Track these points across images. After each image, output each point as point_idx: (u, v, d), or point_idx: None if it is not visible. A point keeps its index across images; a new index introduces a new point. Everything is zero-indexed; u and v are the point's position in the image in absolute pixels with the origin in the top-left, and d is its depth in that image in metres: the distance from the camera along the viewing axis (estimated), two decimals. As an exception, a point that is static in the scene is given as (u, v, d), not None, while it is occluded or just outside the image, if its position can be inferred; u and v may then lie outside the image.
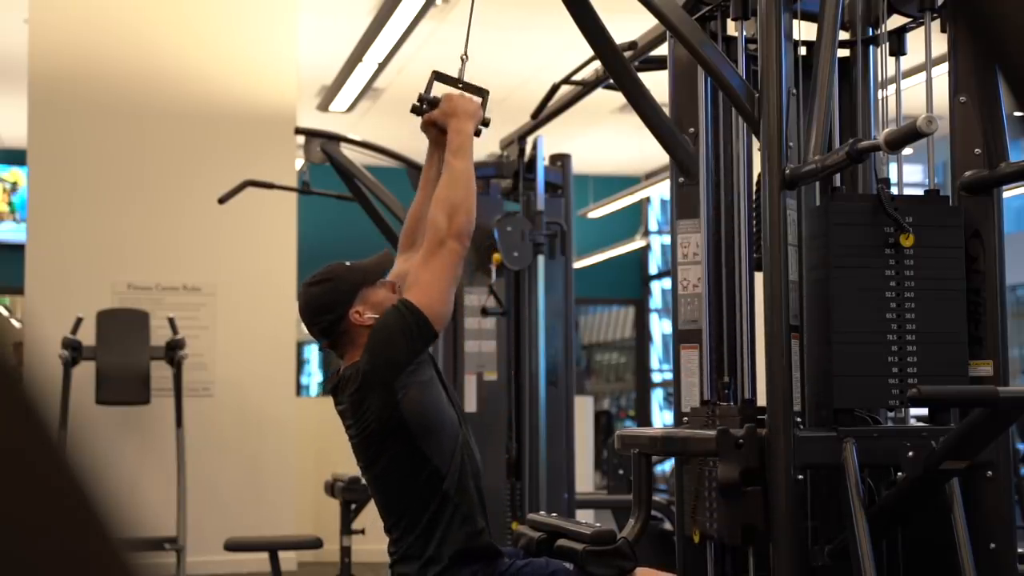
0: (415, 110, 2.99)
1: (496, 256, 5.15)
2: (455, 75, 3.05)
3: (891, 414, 2.83)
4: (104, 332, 6.72)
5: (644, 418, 13.72)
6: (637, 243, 13.18)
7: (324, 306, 2.84)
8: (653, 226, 13.67)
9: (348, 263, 2.92)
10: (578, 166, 5.97)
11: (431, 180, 3.04)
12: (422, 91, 2.99)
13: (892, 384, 2.70)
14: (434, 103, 2.94)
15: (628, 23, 3.69)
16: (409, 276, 2.87)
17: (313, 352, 14.33)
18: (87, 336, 6.63)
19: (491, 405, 5.33)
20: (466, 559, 2.76)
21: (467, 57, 3.06)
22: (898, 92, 2.96)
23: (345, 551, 5.42)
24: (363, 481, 3.91)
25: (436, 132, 3.01)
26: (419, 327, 2.74)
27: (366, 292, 2.85)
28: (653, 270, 13.87)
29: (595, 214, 12.03)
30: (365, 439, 2.82)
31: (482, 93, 3.03)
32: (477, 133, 2.95)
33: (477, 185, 2.83)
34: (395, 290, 2.91)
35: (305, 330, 3.00)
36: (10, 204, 11.70)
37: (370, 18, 7.43)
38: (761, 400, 2.78)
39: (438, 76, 3.05)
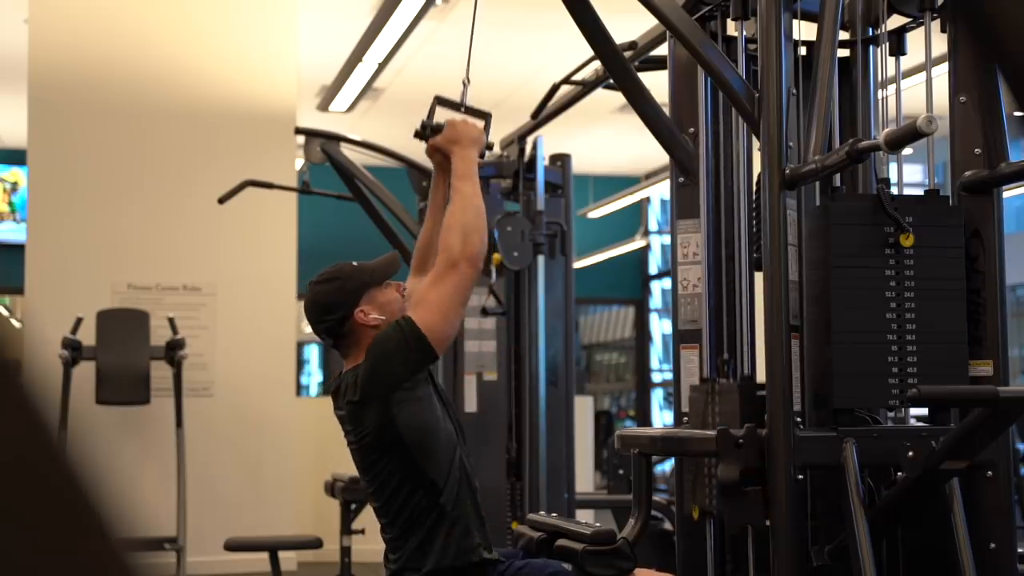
0: (418, 135, 3.00)
1: (496, 256, 5.15)
2: (457, 99, 3.06)
3: (891, 414, 2.83)
4: (104, 332, 6.72)
5: (644, 418, 13.72)
6: (637, 243, 13.18)
7: (330, 305, 2.84)
8: (653, 226, 13.67)
9: (356, 263, 2.91)
10: (578, 166, 5.97)
11: (439, 206, 3.05)
12: (424, 118, 2.99)
13: (892, 384, 2.70)
14: (437, 129, 2.94)
15: (628, 23, 3.69)
16: (417, 294, 2.86)
17: (313, 352, 14.32)
18: (87, 336, 6.63)
19: (491, 405, 5.33)
20: (463, 573, 2.76)
21: (468, 81, 3.07)
22: (898, 92, 2.96)
23: (345, 551, 5.43)
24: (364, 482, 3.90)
25: (441, 158, 3.01)
26: (418, 346, 2.73)
27: (373, 292, 2.85)
28: (653, 270, 13.87)
29: (595, 214, 12.03)
30: (362, 449, 2.83)
31: (484, 116, 3.04)
32: (481, 156, 2.96)
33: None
34: (402, 291, 2.91)
35: (305, 330, 3.00)
36: (10, 204, 11.70)
37: (370, 18, 7.43)
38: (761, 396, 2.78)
39: (440, 101, 3.06)
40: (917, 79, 3.33)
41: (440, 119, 2.99)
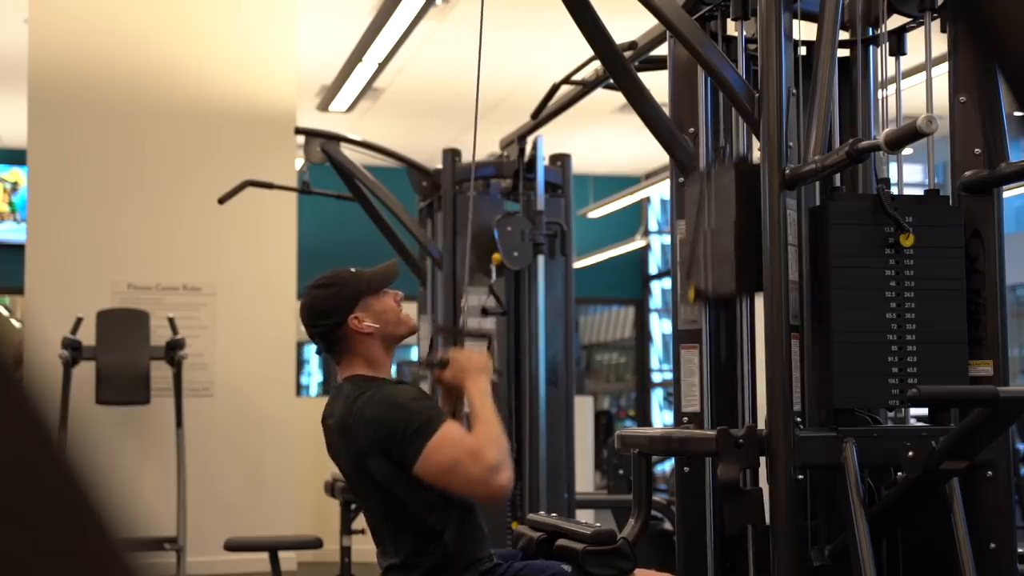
0: (425, 366, 2.99)
1: (496, 256, 5.15)
2: (456, 326, 3.07)
3: (891, 414, 2.83)
4: (104, 332, 6.72)
5: (644, 418, 13.72)
6: (637, 243, 13.18)
7: (325, 310, 2.83)
8: (653, 226, 13.67)
9: (354, 270, 2.91)
10: (578, 166, 5.97)
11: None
12: (426, 353, 3.00)
13: (892, 384, 2.70)
14: (443, 364, 2.93)
15: (628, 23, 3.69)
16: (438, 455, 2.70)
17: (313, 352, 14.33)
18: (87, 336, 6.63)
19: (491, 405, 5.33)
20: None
21: (465, 307, 3.09)
22: (898, 92, 2.96)
23: (345, 551, 5.42)
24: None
25: (449, 383, 2.97)
26: (412, 453, 2.67)
27: (369, 300, 2.84)
28: (653, 270, 13.87)
29: (595, 214, 12.03)
30: (356, 477, 2.82)
31: (486, 336, 3.06)
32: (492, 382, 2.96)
33: (477, 186, 2.84)
34: (398, 300, 2.90)
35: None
36: (10, 204, 11.70)
37: (370, 18, 7.43)
38: (761, 395, 2.78)
39: (440, 330, 3.09)
40: (917, 79, 3.33)
41: (445, 355, 2.99)
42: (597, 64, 4.34)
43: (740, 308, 2.94)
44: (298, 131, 6.42)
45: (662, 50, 3.41)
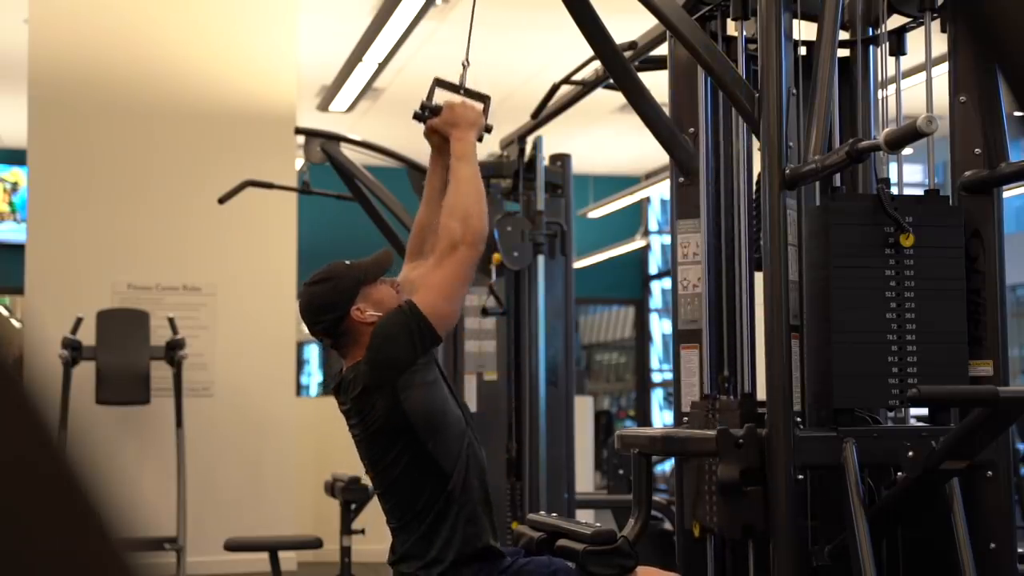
0: (417, 117, 3.00)
1: (496, 256, 5.15)
2: (456, 81, 3.05)
3: (891, 414, 2.83)
4: (104, 332, 6.72)
5: (644, 418, 13.71)
6: (637, 243, 13.18)
7: (325, 305, 2.84)
8: (653, 226, 13.67)
9: (348, 262, 2.91)
10: (578, 166, 5.97)
11: (436, 189, 3.04)
12: (424, 99, 2.99)
13: (892, 384, 2.70)
14: (436, 111, 2.95)
15: (628, 23, 3.69)
16: (418, 279, 2.86)
17: (313, 352, 14.32)
18: (87, 336, 6.63)
19: (491, 405, 5.33)
20: (469, 560, 2.75)
21: (468, 63, 3.06)
22: (898, 92, 2.96)
23: (345, 551, 5.42)
24: (363, 481, 3.90)
25: (439, 139, 3.01)
26: (421, 329, 2.73)
27: (367, 290, 2.85)
28: (653, 270, 13.87)
29: (595, 214, 12.03)
30: (370, 438, 2.82)
31: (483, 99, 3.03)
32: (479, 139, 2.95)
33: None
34: (396, 288, 2.91)
35: (305, 330, 3.00)
36: (10, 204, 11.70)
37: (370, 18, 7.43)
38: (761, 395, 2.78)
39: (439, 83, 3.06)
40: (917, 79, 3.33)
41: (439, 100, 2.99)
42: (597, 64, 4.34)
43: (740, 307, 2.94)
44: (298, 131, 6.42)
45: (662, 50, 3.41)
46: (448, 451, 2.77)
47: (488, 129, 2.99)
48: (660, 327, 13.88)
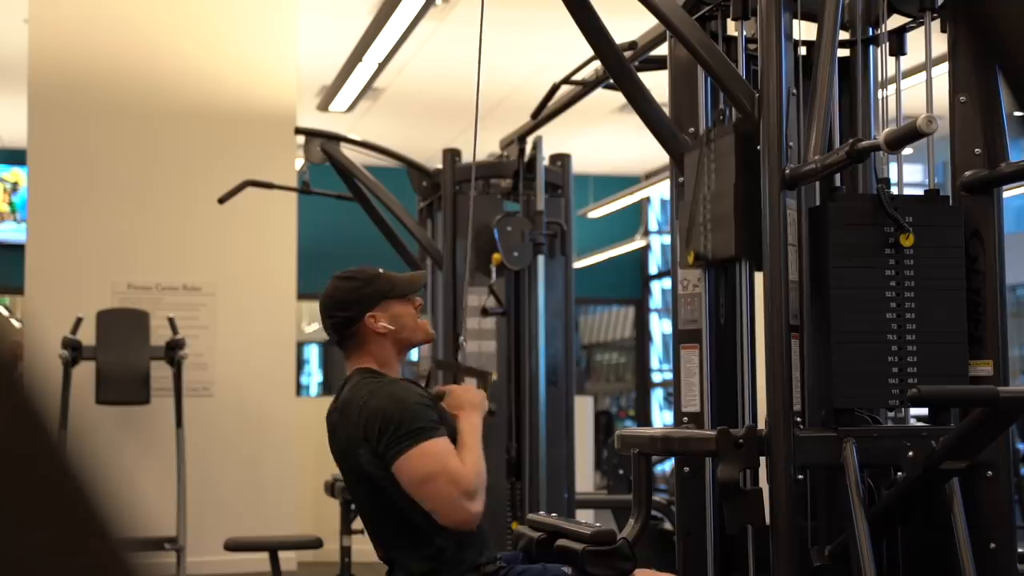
0: None
1: (496, 256, 5.15)
2: (454, 360, 3.08)
3: (891, 414, 2.83)
4: (104, 332, 6.72)
5: (644, 418, 13.71)
6: (637, 243, 13.18)
7: (345, 302, 2.85)
8: (653, 226, 13.67)
9: (382, 270, 2.93)
10: (578, 166, 5.97)
11: None
12: (424, 383, 3.02)
13: (892, 384, 2.70)
14: (440, 397, 2.95)
15: (628, 23, 3.69)
16: (411, 469, 2.72)
17: (313, 352, 14.32)
18: (87, 336, 6.62)
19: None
20: None
21: (466, 341, 3.10)
22: (898, 92, 2.96)
23: (345, 551, 5.43)
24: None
25: None
26: (392, 453, 2.69)
27: (390, 303, 2.86)
28: (653, 270, 13.87)
29: (595, 214, 12.03)
30: (349, 472, 2.82)
31: (483, 376, 3.07)
32: (484, 420, 2.98)
33: (477, 186, 2.85)
34: (418, 307, 2.92)
35: (305, 330, 3.00)
36: (10, 204, 11.70)
37: (370, 18, 7.43)
38: (761, 395, 2.78)
39: (438, 364, 3.10)
40: (917, 79, 3.33)
41: (443, 388, 3.02)
42: (597, 64, 4.34)
43: (740, 307, 2.94)
44: (298, 131, 6.42)
45: (662, 50, 3.41)
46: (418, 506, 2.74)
47: (492, 412, 3.02)
48: (660, 327, 13.88)
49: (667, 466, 8.52)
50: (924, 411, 2.90)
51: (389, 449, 2.69)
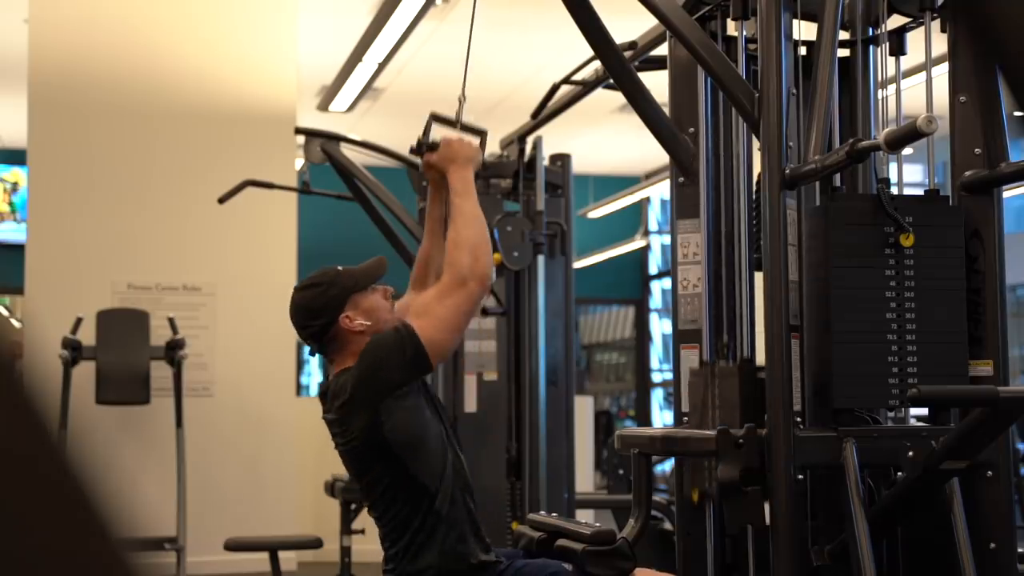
0: (414, 152, 3.01)
1: (496, 256, 5.15)
2: (452, 114, 3.06)
3: (891, 414, 2.83)
4: (104, 332, 6.72)
5: (644, 418, 13.72)
6: (637, 243, 13.18)
7: (314, 311, 2.82)
8: (653, 226, 13.67)
9: (340, 268, 2.89)
10: (578, 166, 5.97)
11: (437, 220, 3.04)
12: (420, 135, 2.99)
13: (892, 384, 2.70)
14: (433, 147, 2.94)
15: (628, 23, 3.69)
16: (420, 304, 2.84)
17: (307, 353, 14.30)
18: (87, 336, 6.62)
19: (491, 405, 5.33)
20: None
21: (464, 98, 3.07)
22: (898, 92, 2.96)
23: (345, 551, 5.43)
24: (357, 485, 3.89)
25: (436, 174, 3.00)
26: (415, 357, 2.71)
27: (357, 298, 2.82)
28: (653, 270, 13.87)
29: (595, 214, 12.03)
30: (350, 453, 2.82)
31: (480, 134, 3.05)
32: (477, 175, 2.96)
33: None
34: (387, 296, 2.89)
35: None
36: (10, 204, 11.70)
37: (370, 18, 7.43)
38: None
39: (435, 117, 3.07)
40: (917, 79, 3.33)
41: (436, 135, 2.99)
42: (597, 64, 4.34)
43: (740, 307, 2.94)
44: (298, 131, 6.42)
45: (662, 50, 3.41)
46: (431, 470, 2.75)
47: (484, 165, 3.00)
48: (660, 327, 13.88)
49: (667, 466, 8.51)
50: (924, 411, 2.90)
51: (388, 341, 2.72)
